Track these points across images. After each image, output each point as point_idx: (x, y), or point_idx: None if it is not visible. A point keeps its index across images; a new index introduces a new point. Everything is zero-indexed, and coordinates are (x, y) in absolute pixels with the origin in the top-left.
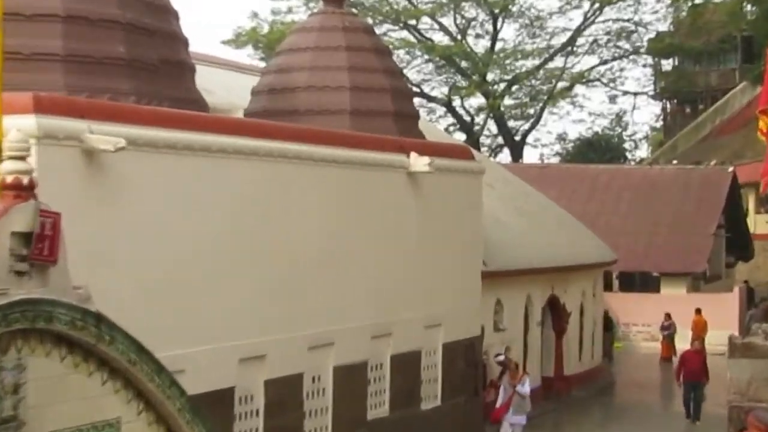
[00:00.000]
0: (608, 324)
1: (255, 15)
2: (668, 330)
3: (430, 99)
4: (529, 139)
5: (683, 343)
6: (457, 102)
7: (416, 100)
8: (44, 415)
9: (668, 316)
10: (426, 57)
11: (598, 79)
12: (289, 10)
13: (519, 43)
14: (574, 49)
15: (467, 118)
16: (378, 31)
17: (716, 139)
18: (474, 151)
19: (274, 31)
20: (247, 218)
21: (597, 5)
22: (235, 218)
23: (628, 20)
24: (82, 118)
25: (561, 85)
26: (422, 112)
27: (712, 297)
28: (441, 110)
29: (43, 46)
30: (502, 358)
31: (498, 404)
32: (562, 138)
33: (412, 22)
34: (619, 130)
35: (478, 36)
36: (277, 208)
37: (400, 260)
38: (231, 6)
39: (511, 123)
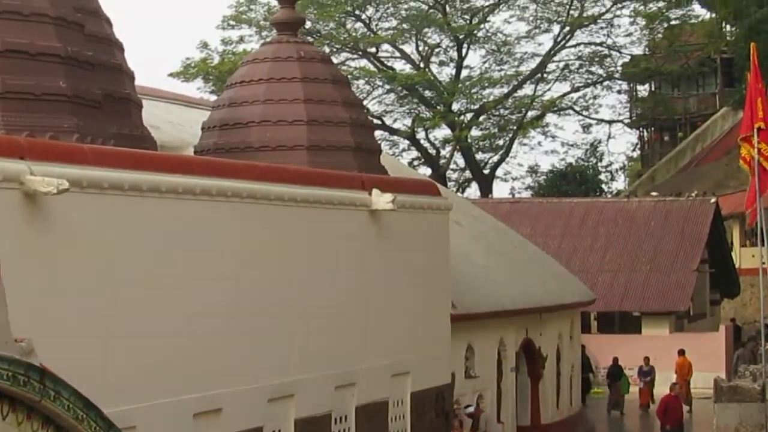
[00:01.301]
0: (618, 372)
1: (204, 45)
2: (648, 375)
3: (393, 131)
4: (499, 172)
5: (666, 386)
6: (421, 134)
7: (377, 133)
8: None
9: (647, 360)
10: (387, 87)
11: (571, 107)
12: (241, 40)
13: (486, 71)
14: (544, 75)
15: (432, 151)
16: (335, 60)
17: (697, 168)
18: (440, 187)
19: (224, 62)
20: (200, 262)
21: (567, 29)
22: (187, 262)
23: (600, 44)
24: (22, 158)
25: (531, 114)
26: (384, 146)
27: (697, 337)
28: (404, 143)
29: None
30: (472, 409)
31: None
32: (533, 170)
33: (372, 50)
34: (594, 160)
35: (442, 63)
36: (231, 251)
37: (363, 304)
38: (179, 37)
39: (479, 155)
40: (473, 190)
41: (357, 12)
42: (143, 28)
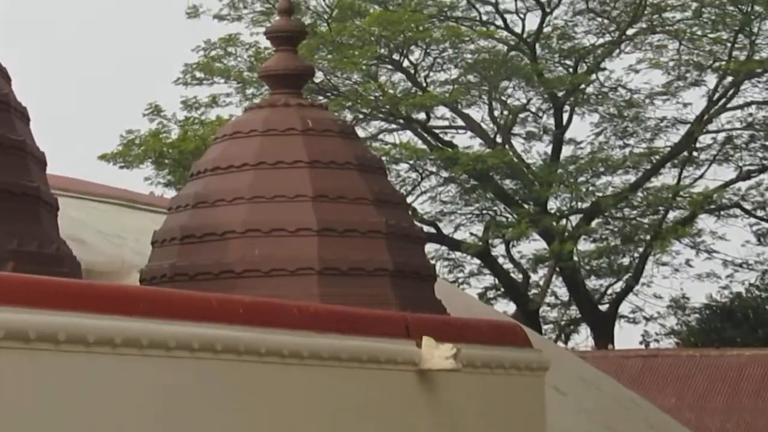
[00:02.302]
0: None
1: (156, 110)
2: None
3: (454, 245)
4: (623, 308)
5: None
6: (498, 249)
7: (430, 248)
8: None
9: None
10: (444, 174)
11: (737, 205)
12: (213, 102)
13: (600, 147)
14: (694, 154)
15: (517, 276)
16: (362, 132)
17: None
18: (530, 333)
19: (187, 137)
20: None
21: (729, 80)
22: None
23: None
24: None
25: (674, 215)
26: (441, 268)
27: None
28: (472, 264)
29: None
30: None
31: None
32: (679, 306)
33: (420, 116)
34: None
35: (530, 136)
36: None
37: None
38: (113, 97)
39: (591, 282)
40: (583, 338)
41: (396, 57)
42: (57, 81)
